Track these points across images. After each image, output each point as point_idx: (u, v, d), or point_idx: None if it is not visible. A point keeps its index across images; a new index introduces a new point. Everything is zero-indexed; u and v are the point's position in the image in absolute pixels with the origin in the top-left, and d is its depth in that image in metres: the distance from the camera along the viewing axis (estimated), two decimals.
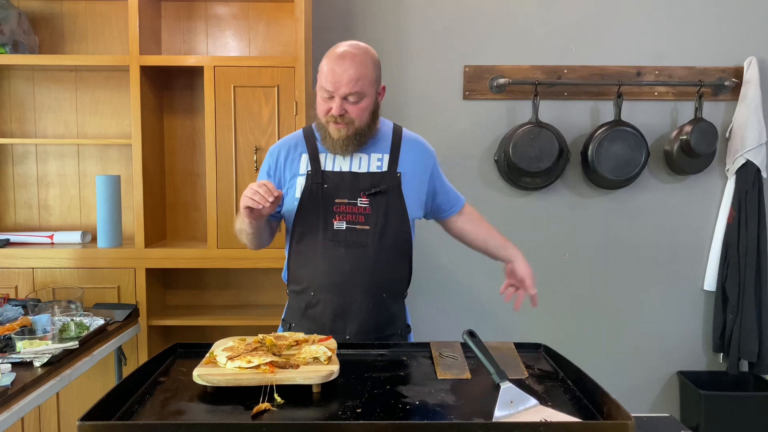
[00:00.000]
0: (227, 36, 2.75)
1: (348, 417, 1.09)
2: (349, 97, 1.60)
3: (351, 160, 1.71)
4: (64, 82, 2.73)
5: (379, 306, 1.70)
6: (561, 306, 2.90)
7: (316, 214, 1.67)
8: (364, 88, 1.61)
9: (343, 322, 1.67)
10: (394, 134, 1.77)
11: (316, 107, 1.68)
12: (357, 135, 1.65)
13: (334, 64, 1.60)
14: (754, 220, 2.74)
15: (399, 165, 1.72)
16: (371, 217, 1.66)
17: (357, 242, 1.66)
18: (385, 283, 1.71)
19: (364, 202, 1.67)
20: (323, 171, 1.70)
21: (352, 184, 1.68)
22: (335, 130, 1.64)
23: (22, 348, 1.71)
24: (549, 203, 2.86)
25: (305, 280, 1.71)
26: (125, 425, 1.06)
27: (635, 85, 2.77)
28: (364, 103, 1.63)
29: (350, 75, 1.58)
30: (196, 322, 2.59)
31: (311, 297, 1.70)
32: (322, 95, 1.63)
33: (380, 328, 1.71)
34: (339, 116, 1.61)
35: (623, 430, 1.00)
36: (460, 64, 2.79)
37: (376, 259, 1.67)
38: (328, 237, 1.66)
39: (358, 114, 1.63)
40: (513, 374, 1.28)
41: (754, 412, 2.65)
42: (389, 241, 1.68)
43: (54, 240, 2.58)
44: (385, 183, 1.68)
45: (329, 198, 1.67)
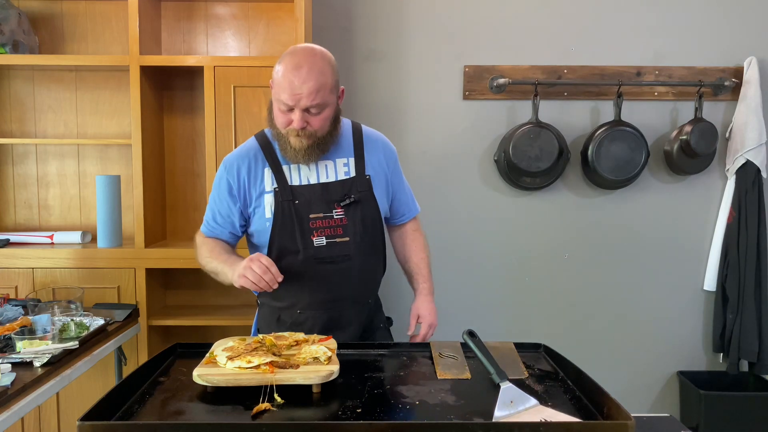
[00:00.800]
0: (227, 36, 2.75)
1: (348, 417, 1.09)
2: (311, 108, 1.52)
3: (317, 170, 1.65)
4: (64, 82, 2.73)
5: (366, 312, 1.73)
6: (561, 306, 2.90)
7: (292, 233, 1.61)
8: (325, 98, 1.53)
9: (333, 334, 1.63)
10: (355, 134, 1.71)
11: (273, 117, 1.58)
12: (319, 144, 1.58)
13: (291, 76, 1.49)
14: (754, 220, 2.74)
15: (366, 167, 1.68)
16: (349, 228, 1.63)
17: (340, 256, 1.63)
18: (369, 289, 1.74)
19: (339, 213, 1.63)
20: (291, 186, 1.62)
21: (323, 196, 1.62)
22: (296, 140, 1.56)
23: (22, 348, 1.71)
24: (549, 203, 2.86)
25: (289, 298, 1.67)
26: (125, 425, 1.06)
27: (635, 85, 2.77)
28: (326, 113, 1.56)
29: (310, 87, 1.49)
30: (196, 322, 2.59)
31: (298, 314, 1.68)
32: (280, 107, 1.54)
33: (368, 333, 1.74)
34: (300, 129, 1.53)
35: (623, 430, 1.00)
36: (460, 64, 2.79)
37: (361, 269, 1.67)
38: (311, 255, 1.61)
39: (319, 125, 1.55)
40: (513, 374, 1.28)
41: (754, 412, 2.65)
42: (369, 248, 1.68)
43: (54, 240, 2.58)
44: (357, 189, 1.65)
45: (303, 214, 1.61)
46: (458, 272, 2.88)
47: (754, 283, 2.75)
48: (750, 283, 2.75)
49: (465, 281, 2.89)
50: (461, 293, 2.90)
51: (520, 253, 2.88)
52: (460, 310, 2.89)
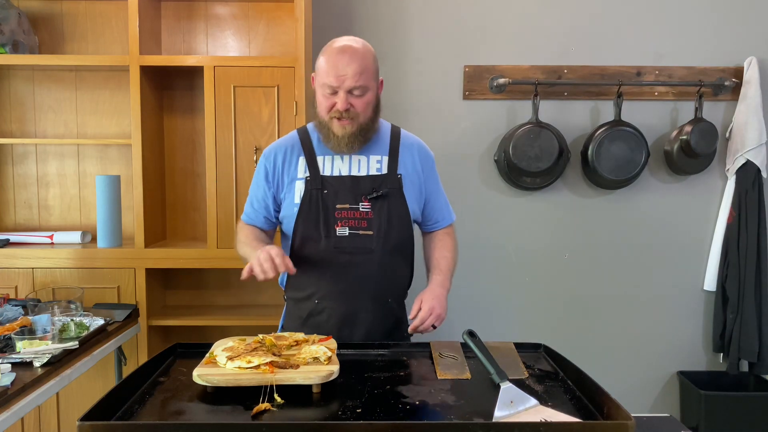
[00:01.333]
0: (227, 36, 2.75)
1: (348, 417, 1.09)
2: (354, 90, 1.57)
3: (350, 163, 1.68)
4: (64, 82, 2.73)
5: (386, 311, 1.69)
6: (561, 306, 2.90)
7: (317, 221, 1.64)
8: (368, 81, 1.59)
9: (350, 329, 1.65)
10: (393, 135, 1.74)
11: (317, 106, 1.64)
12: (362, 131, 1.63)
13: (336, 59, 1.56)
14: (754, 220, 2.74)
15: (399, 166, 1.70)
16: (374, 222, 1.64)
17: (361, 248, 1.63)
18: (391, 288, 1.70)
19: (365, 206, 1.64)
20: (322, 176, 1.66)
21: (352, 189, 1.65)
22: (340, 127, 1.60)
23: (22, 348, 1.71)
24: (549, 203, 2.86)
25: (308, 288, 1.68)
26: (125, 425, 1.06)
27: (635, 85, 2.77)
28: (368, 96, 1.61)
29: (354, 68, 1.55)
30: (196, 322, 2.59)
31: (315, 305, 1.68)
32: (324, 92, 1.59)
33: (387, 333, 1.69)
34: (344, 111, 1.57)
35: (623, 430, 1.00)
36: (460, 64, 2.79)
37: (381, 264, 1.65)
38: (332, 244, 1.63)
39: (363, 108, 1.60)
40: (513, 374, 1.28)
41: (754, 412, 2.65)
42: (393, 244, 1.67)
43: (54, 240, 2.58)
44: (386, 186, 1.66)
45: (330, 203, 1.64)
46: (458, 272, 2.86)
47: (754, 283, 2.75)
48: (750, 283, 2.74)
49: (465, 281, 2.88)
50: (461, 293, 2.89)
51: (520, 253, 2.88)
52: (460, 310, 2.89)
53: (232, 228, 2.49)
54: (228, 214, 2.49)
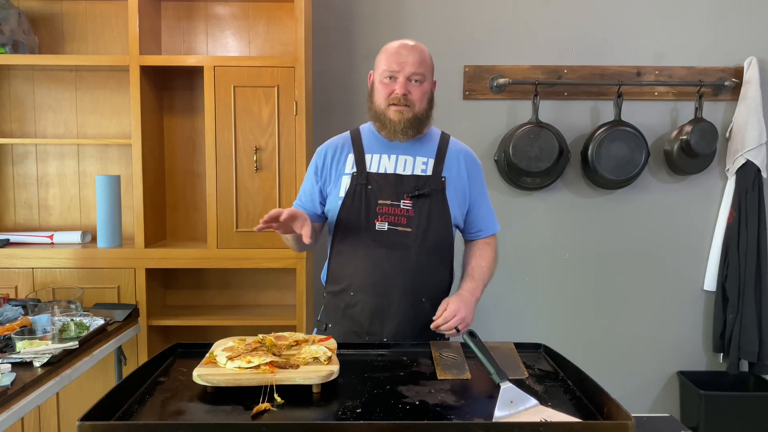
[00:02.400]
0: (227, 36, 2.75)
1: (348, 417, 1.09)
2: (413, 77, 1.64)
3: (396, 162, 1.71)
4: (64, 82, 2.73)
5: (418, 310, 1.69)
6: (561, 306, 2.90)
7: (358, 214, 1.68)
8: (426, 72, 1.67)
9: (380, 323, 1.67)
10: (442, 139, 1.78)
11: (375, 97, 1.70)
12: (416, 119, 1.67)
13: (398, 49, 1.66)
14: (754, 220, 2.74)
15: (444, 169, 1.72)
16: (414, 220, 1.66)
17: (398, 244, 1.66)
18: (425, 287, 1.70)
19: (407, 204, 1.67)
20: (368, 172, 1.70)
21: (395, 186, 1.68)
22: (396, 112, 1.65)
23: (22, 348, 1.71)
24: (549, 203, 2.86)
25: (345, 280, 1.71)
26: (125, 425, 1.06)
27: (635, 85, 2.77)
28: (425, 86, 1.68)
29: (415, 57, 1.65)
30: (196, 322, 2.59)
31: (351, 297, 1.70)
32: (383, 80, 1.66)
33: (418, 333, 1.69)
34: (402, 96, 1.63)
35: (623, 430, 1.00)
36: (460, 64, 2.79)
37: (417, 262, 1.67)
38: (370, 237, 1.66)
39: (419, 96, 1.66)
40: (513, 374, 1.28)
41: (754, 412, 2.65)
42: (431, 244, 1.68)
43: (54, 240, 2.58)
44: (429, 186, 1.69)
45: (372, 198, 1.67)
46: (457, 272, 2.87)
47: (754, 283, 2.75)
48: (750, 283, 2.75)
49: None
50: None
51: (520, 253, 2.88)
52: None
53: (232, 228, 2.49)
54: (228, 214, 2.49)
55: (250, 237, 2.48)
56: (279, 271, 2.72)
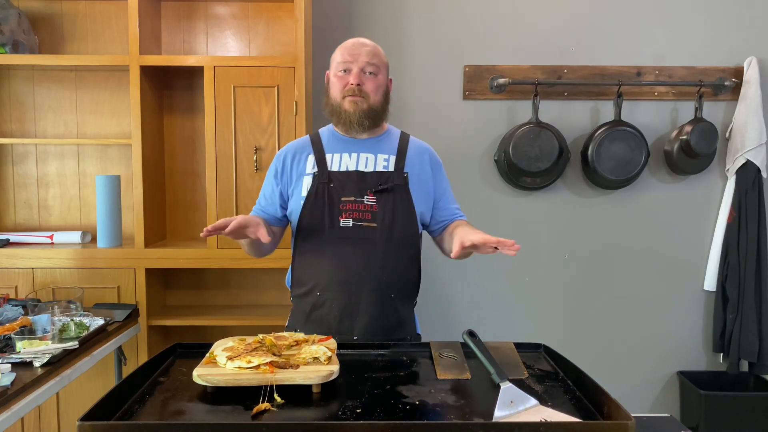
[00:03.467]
0: (227, 36, 2.75)
1: (348, 417, 1.09)
2: (367, 68, 1.68)
3: (357, 160, 1.72)
4: (64, 82, 2.73)
5: (387, 306, 1.68)
6: (561, 306, 2.90)
7: (322, 213, 1.67)
8: (380, 65, 1.71)
9: (350, 322, 1.66)
10: (402, 138, 1.80)
11: (330, 91, 1.73)
12: (372, 111, 1.69)
13: (351, 44, 1.71)
14: (754, 220, 2.74)
15: (406, 165, 1.73)
16: (378, 215, 1.66)
17: (364, 239, 1.66)
18: (393, 283, 1.69)
19: (370, 200, 1.67)
20: (329, 171, 1.71)
21: (358, 183, 1.68)
22: (351, 103, 1.67)
23: (22, 348, 1.71)
24: (549, 203, 2.86)
25: (311, 280, 1.70)
26: (125, 425, 1.06)
27: (635, 85, 2.77)
28: (380, 79, 1.71)
29: (368, 49, 1.70)
30: (196, 322, 2.59)
31: (317, 297, 1.68)
32: (338, 73, 1.70)
33: (387, 330, 1.68)
34: (357, 86, 1.66)
35: (623, 430, 1.00)
36: (460, 64, 2.79)
37: (384, 257, 1.66)
38: (335, 234, 1.66)
39: (373, 88, 1.69)
40: (513, 374, 1.28)
41: (754, 412, 2.65)
42: (397, 239, 1.68)
43: (54, 240, 2.58)
44: (392, 181, 1.69)
45: (335, 196, 1.68)
46: (458, 272, 2.88)
47: (754, 283, 2.75)
48: (750, 283, 2.74)
49: (465, 281, 2.89)
50: (461, 293, 2.90)
51: (520, 253, 2.85)
52: (460, 310, 2.89)
53: None
54: (228, 214, 2.48)
55: None
56: (279, 271, 2.71)
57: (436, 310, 2.87)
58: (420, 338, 1.80)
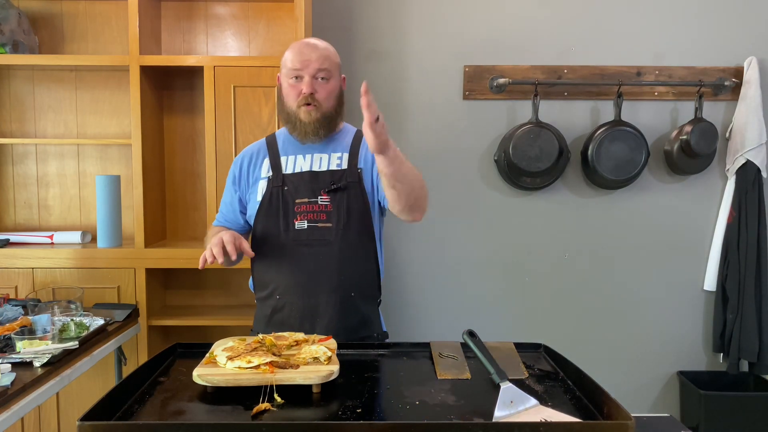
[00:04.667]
0: (227, 36, 2.75)
1: (348, 417, 1.09)
2: (319, 74, 1.64)
3: (311, 161, 1.71)
4: (64, 82, 2.73)
5: (348, 306, 1.67)
6: (561, 306, 2.90)
7: (277, 217, 1.67)
8: (332, 68, 1.67)
9: (311, 323, 1.65)
10: (356, 135, 1.78)
11: (284, 99, 1.69)
12: (326, 118, 1.67)
13: (301, 48, 1.66)
14: (754, 220, 2.74)
15: (360, 161, 1.72)
16: (333, 215, 1.65)
17: (320, 240, 1.65)
18: (353, 282, 1.68)
19: (324, 199, 1.66)
20: (284, 174, 1.70)
21: (311, 183, 1.68)
22: (306, 113, 1.65)
23: (22, 348, 1.71)
24: (549, 203, 2.86)
25: (270, 284, 1.70)
26: (125, 425, 1.06)
27: (635, 85, 2.77)
28: (332, 84, 1.68)
29: (318, 54, 1.65)
30: (196, 322, 2.59)
31: (277, 300, 1.68)
32: (290, 81, 1.66)
33: (350, 330, 1.67)
34: (310, 95, 1.63)
35: (623, 430, 1.00)
36: (460, 64, 2.79)
37: (341, 257, 1.65)
38: (290, 237, 1.66)
39: (326, 95, 1.66)
40: (513, 374, 1.28)
41: (754, 412, 2.65)
42: (353, 237, 1.67)
43: (54, 240, 2.58)
44: (345, 179, 1.68)
45: (289, 199, 1.67)
46: (458, 272, 2.88)
47: (754, 283, 2.75)
48: (750, 283, 2.74)
49: (465, 281, 2.89)
50: (461, 293, 2.90)
51: (520, 253, 2.88)
52: (460, 310, 2.89)
53: None
54: None
55: None
56: None
57: (435, 310, 2.87)
58: (387, 335, 1.79)
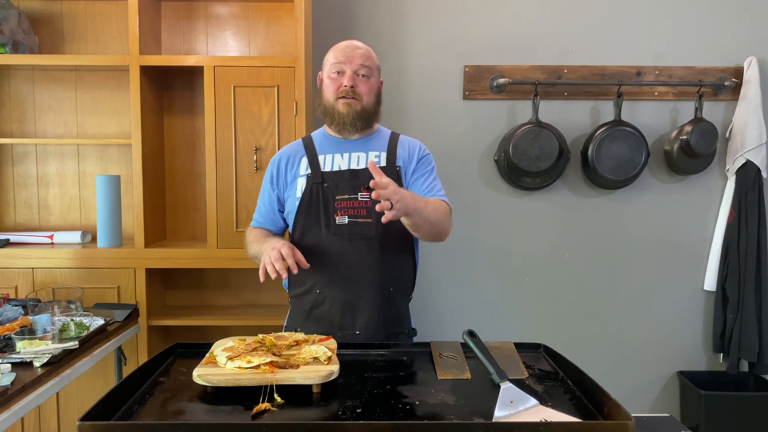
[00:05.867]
0: (227, 36, 2.75)
1: (348, 417, 1.09)
2: (361, 71, 1.71)
3: (350, 159, 1.74)
4: (64, 82, 2.73)
5: (387, 300, 1.71)
6: (561, 306, 2.90)
7: (317, 212, 1.69)
8: (373, 68, 1.74)
9: (352, 317, 1.68)
10: (392, 136, 1.83)
11: (324, 92, 1.74)
12: (365, 113, 1.72)
13: (344, 46, 1.74)
14: (754, 220, 2.74)
15: (398, 160, 1.76)
16: (373, 211, 1.67)
17: (361, 235, 1.68)
18: (392, 277, 1.72)
19: (364, 196, 1.69)
20: (323, 172, 1.73)
21: (351, 181, 1.71)
22: (345, 105, 1.70)
23: (22, 348, 1.71)
24: (549, 203, 2.86)
25: (310, 279, 1.71)
26: (125, 425, 1.06)
27: (635, 85, 2.77)
28: (372, 82, 1.74)
29: (362, 52, 1.73)
30: (196, 322, 2.59)
31: (317, 295, 1.70)
32: (332, 75, 1.72)
33: (388, 324, 1.71)
34: (351, 88, 1.69)
35: (623, 430, 1.00)
36: (460, 64, 2.79)
37: (381, 251, 1.68)
38: (331, 232, 1.68)
39: (367, 91, 1.72)
40: (513, 374, 1.28)
41: (754, 412, 2.65)
42: (392, 233, 1.69)
43: (54, 240, 2.58)
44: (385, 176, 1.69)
45: (329, 195, 1.70)
46: (458, 272, 2.88)
47: (754, 283, 2.75)
48: (750, 283, 2.74)
49: (465, 281, 2.89)
50: (461, 293, 2.90)
51: (520, 253, 2.88)
52: (460, 310, 2.89)
53: (232, 228, 2.49)
54: (228, 214, 2.49)
55: None
56: None
57: (435, 310, 2.87)
58: (415, 332, 1.81)
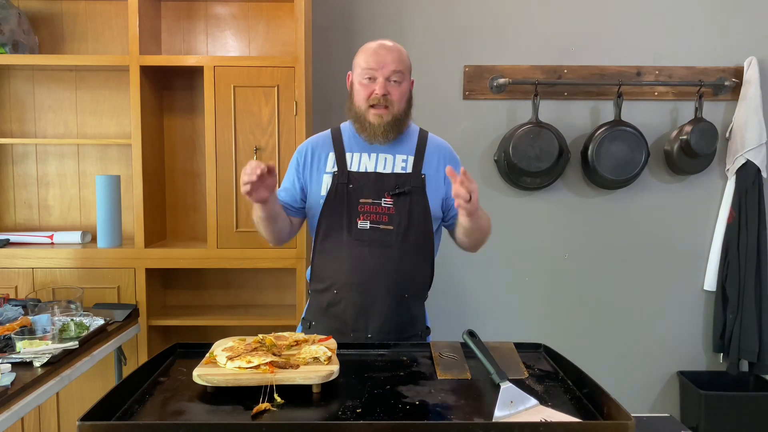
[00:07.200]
0: (227, 36, 2.75)
1: (348, 417, 1.09)
2: (393, 77, 1.67)
3: (376, 160, 1.74)
4: (64, 82, 2.73)
5: (401, 306, 1.71)
6: (561, 306, 2.90)
7: (341, 213, 1.69)
8: (405, 72, 1.70)
9: (365, 320, 1.69)
10: (420, 137, 1.81)
11: (355, 98, 1.71)
12: (396, 121, 1.70)
13: (377, 48, 1.68)
14: (754, 220, 2.74)
15: (424, 167, 1.75)
16: (395, 218, 1.68)
17: (380, 242, 1.68)
18: (408, 284, 1.72)
19: (388, 202, 1.69)
20: (349, 171, 1.72)
21: (376, 184, 1.70)
22: (376, 115, 1.68)
23: (22, 348, 1.71)
24: (549, 203, 2.86)
25: (329, 278, 1.72)
26: (125, 425, 1.06)
27: (635, 85, 2.77)
28: (404, 87, 1.71)
29: (394, 56, 1.67)
30: (196, 322, 2.59)
31: (334, 295, 1.71)
32: (363, 81, 1.68)
33: (401, 328, 1.71)
34: (382, 96, 1.65)
35: (623, 430, 1.00)
36: (460, 64, 2.79)
37: (399, 260, 1.68)
38: (352, 236, 1.68)
39: (399, 97, 1.69)
40: (513, 374, 1.28)
41: (754, 412, 2.65)
42: (412, 241, 1.70)
43: (54, 240, 2.58)
44: (410, 184, 1.70)
45: (354, 197, 1.70)
46: (458, 272, 2.88)
47: (754, 283, 2.75)
48: (750, 283, 2.74)
49: (465, 281, 2.89)
50: (461, 293, 2.90)
51: (520, 253, 2.88)
52: (460, 310, 2.89)
53: (232, 228, 2.49)
54: (228, 214, 2.49)
55: (250, 237, 2.48)
56: (279, 271, 2.72)
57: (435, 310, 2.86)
58: (429, 331, 1.82)
